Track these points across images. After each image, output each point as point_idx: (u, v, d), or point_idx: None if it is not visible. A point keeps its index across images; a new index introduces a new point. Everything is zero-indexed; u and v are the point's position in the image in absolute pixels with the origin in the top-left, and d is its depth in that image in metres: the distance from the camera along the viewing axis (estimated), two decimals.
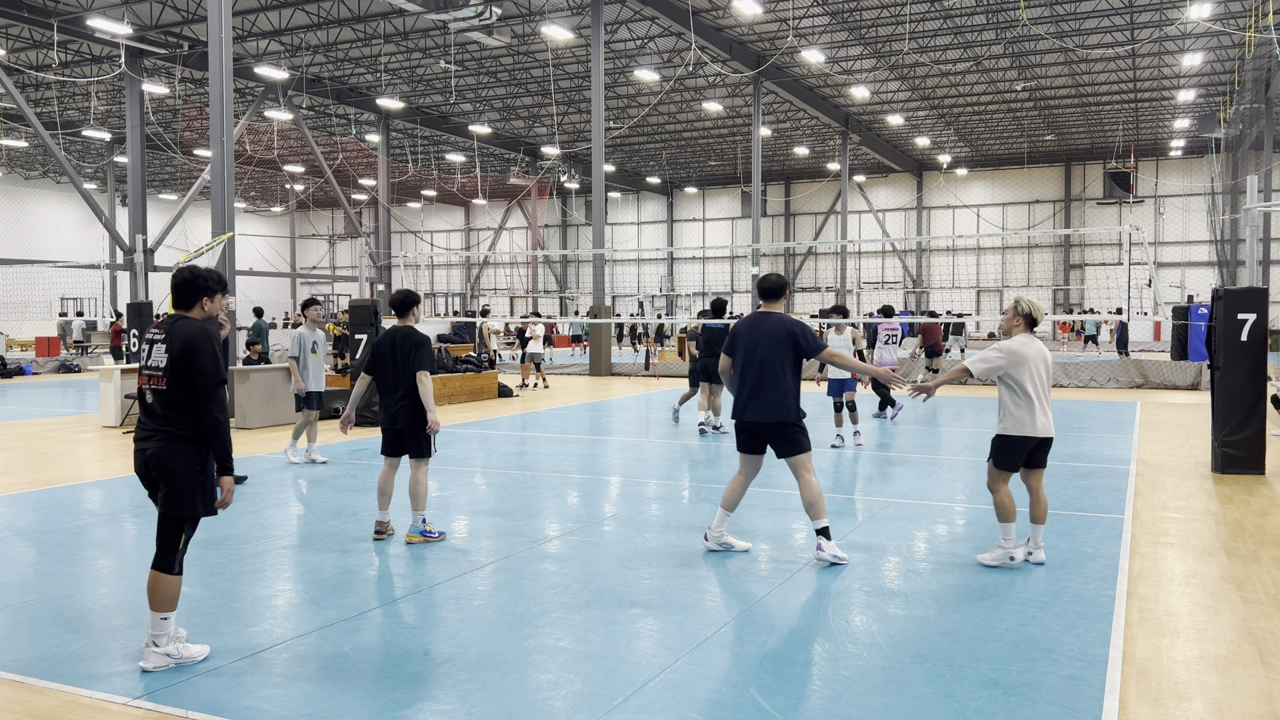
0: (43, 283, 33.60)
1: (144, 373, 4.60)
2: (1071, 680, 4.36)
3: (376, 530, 7.08)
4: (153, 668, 4.47)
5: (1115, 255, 47.80)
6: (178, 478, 4.44)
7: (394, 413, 6.88)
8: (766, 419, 6.30)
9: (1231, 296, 9.90)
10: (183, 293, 4.66)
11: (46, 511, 8.11)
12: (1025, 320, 6.24)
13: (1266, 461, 9.88)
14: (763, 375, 6.30)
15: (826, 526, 6.32)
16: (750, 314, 6.62)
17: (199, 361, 4.42)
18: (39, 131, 25.31)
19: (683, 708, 4.06)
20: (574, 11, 27.46)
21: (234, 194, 14.86)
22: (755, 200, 33.04)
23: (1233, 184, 31.10)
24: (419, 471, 6.94)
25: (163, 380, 4.48)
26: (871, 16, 28.23)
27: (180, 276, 4.69)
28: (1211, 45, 30.13)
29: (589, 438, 12.97)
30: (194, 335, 4.47)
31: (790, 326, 6.33)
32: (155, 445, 4.48)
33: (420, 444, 6.90)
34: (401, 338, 6.89)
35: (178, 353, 4.45)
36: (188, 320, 4.60)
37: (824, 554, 6.29)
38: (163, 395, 4.49)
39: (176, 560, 4.49)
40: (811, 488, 6.26)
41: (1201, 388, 20.03)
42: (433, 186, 49.00)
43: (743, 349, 6.42)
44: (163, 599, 4.48)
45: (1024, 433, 6.12)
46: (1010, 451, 6.16)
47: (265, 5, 27.02)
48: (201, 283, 4.66)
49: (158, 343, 4.55)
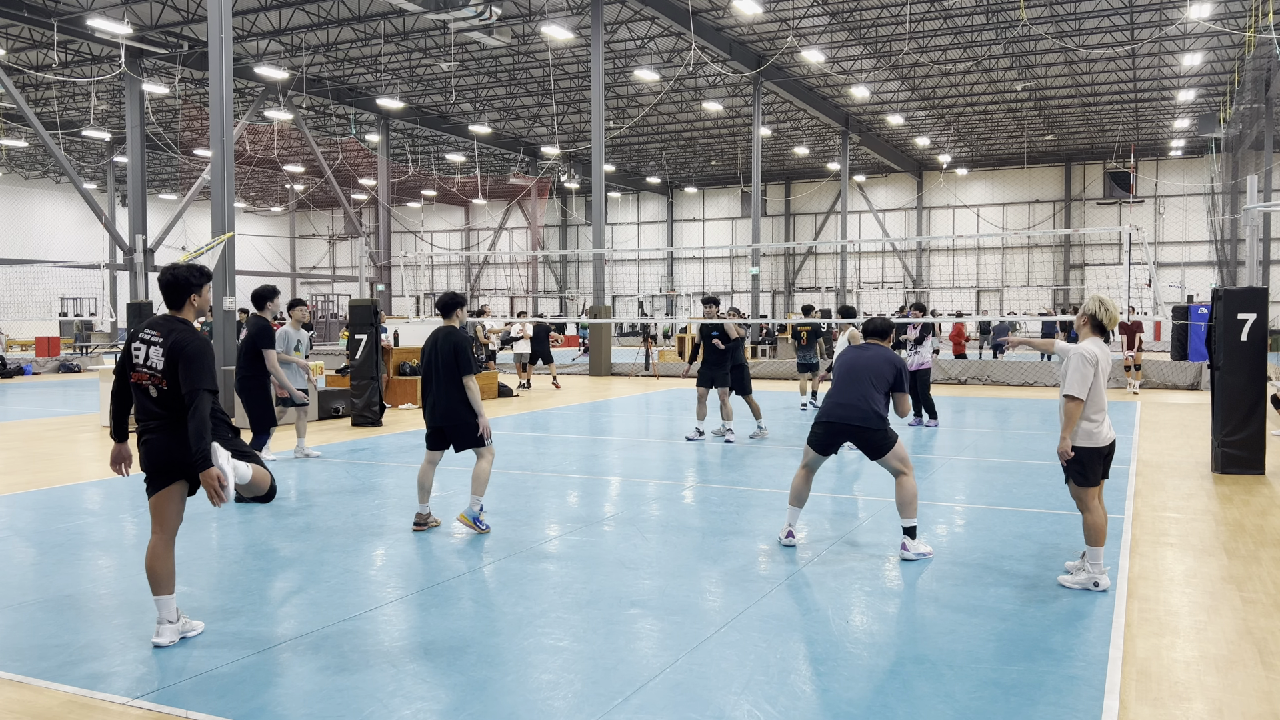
0: (43, 283, 33.60)
1: (143, 369, 4.72)
2: (1071, 680, 4.36)
3: (416, 522, 7.34)
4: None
5: (1115, 255, 47.81)
6: (181, 461, 4.71)
7: (435, 410, 7.12)
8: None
9: (1231, 296, 9.90)
10: (172, 292, 4.81)
11: (46, 511, 8.11)
12: (1091, 323, 5.84)
13: (1266, 461, 9.87)
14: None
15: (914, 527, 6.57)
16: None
17: (189, 367, 4.60)
18: (39, 131, 25.34)
19: (683, 708, 4.06)
20: (574, 11, 27.46)
21: (234, 194, 14.86)
22: (755, 200, 33.05)
23: (1233, 184, 31.10)
24: (481, 460, 7.23)
25: (163, 381, 4.66)
26: (871, 16, 28.23)
27: (166, 277, 4.81)
28: (1211, 45, 30.13)
29: (589, 438, 12.97)
30: (189, 343, 4.64)
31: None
32: (161, 438, 4.71)
33: (470, 439, 7.15)
34: (443, 338, 7.17)
35: (173, 356, 4.62)
36: (187, 328, 4.74)
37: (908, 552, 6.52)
38: (166, 395, 4.69)
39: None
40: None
41: (1201, 388, 20.03)
42: (433, 186, 49.01)
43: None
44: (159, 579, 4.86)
45: (1095, 444, 5.72)
46: (1088, 465, 5.73)
47: (265, 5, 27.02)
48: (186, 280, 4.81)
49: (154, 344, 4.68)
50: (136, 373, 4.73)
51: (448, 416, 7.09)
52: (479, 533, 7.16)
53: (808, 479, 6.84)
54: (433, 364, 7.12)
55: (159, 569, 4.77)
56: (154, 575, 4.78)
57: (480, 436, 7.11)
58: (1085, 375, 5.64)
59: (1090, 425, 5.72)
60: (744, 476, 9.76)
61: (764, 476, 9.74)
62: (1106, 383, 5.80)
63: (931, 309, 13.55)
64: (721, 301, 13.48)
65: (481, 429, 7.07)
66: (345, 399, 15.16)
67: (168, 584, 4.80)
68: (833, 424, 6.62)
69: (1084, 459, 5.73)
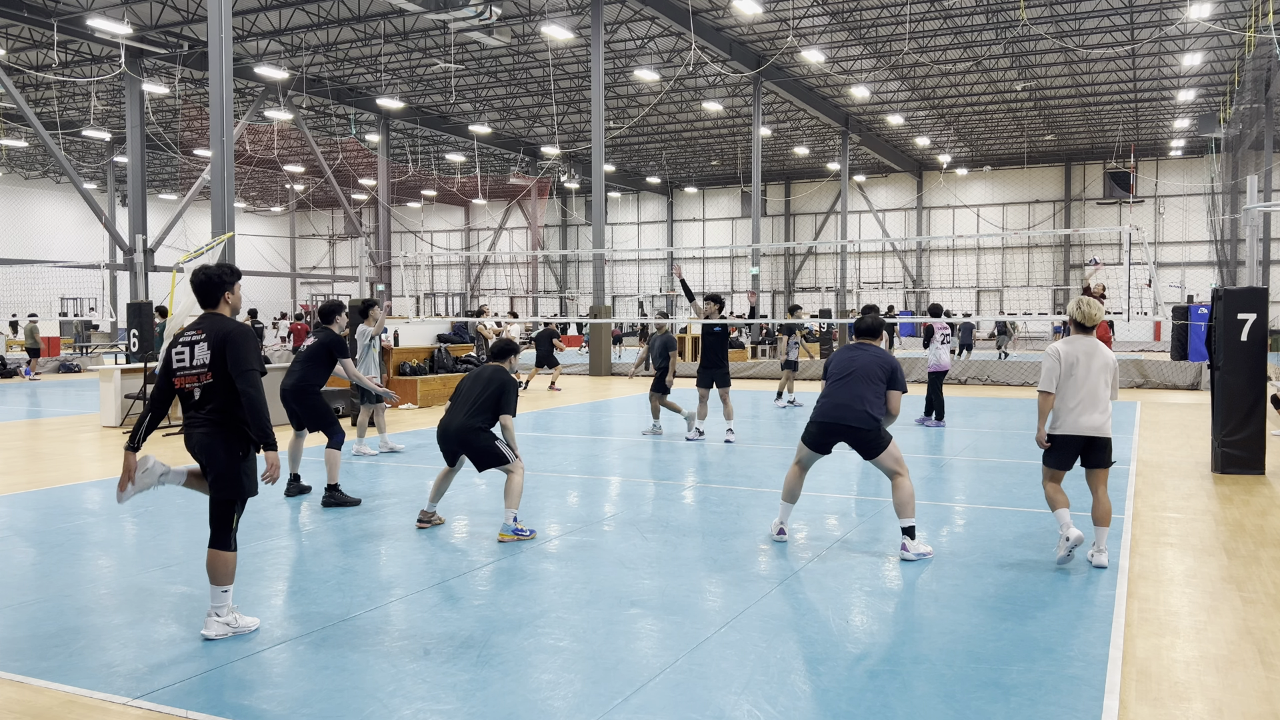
0: (43, 283, 33.59)
1: (191, 372, 4.86)
2: (1071, 680, 4.36)
3: (420, 519, 7.38)
4: (215, 635, 4.90)
5: (1115, 255, 47.76)
6: (222, 464, 4.82)
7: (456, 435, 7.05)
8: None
9: (1231, 296, 9.90)
10: (205, 292, 4.99)
11: (46, 511, 8.11)
12: (1074, 323, 6.50)
13: (1266, 461, 9.87)
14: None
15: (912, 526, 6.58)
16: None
17: (237, 350, 4.77)
18: (39, 131, 25.33)
19: (683, 708, 4.06)
20: (574, 11, 27.46)
21: (234, 194, 14.86)
22: (755, 200, 33.04)
23: (1233, 184, 31.10)
24: (513, 475, 7.10)
25: (209, 374, 4.81)
26: (871, 16, 28.23)
27: (199, 278, 4.99)
28: (1211, 45, 30.13)
29: (589, 438, 12.97)
30: (235, 329, 4.86)
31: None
32: (202, 434, 4.84)
33: (491, 461, 7.05)
34: (489, 377, 7.14)
35: (219, 344, 4.79)
36: (224, 318, 4.96)
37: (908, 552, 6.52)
38: (209, 388, 4.82)
39: (231, 538, 4.91)
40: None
41: (1201, 388, 20.03)
42: (433, 186, 48.99)
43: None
44: (222, 573, 4.91)
45: (1057, 430, 6.42)
46: (1052, 448, 6.47)
47: (265, 5, 27.02)
48: (218, 279, 4.99)
49: (198, 343, 4.85)
50: (179, 378, 4.90)
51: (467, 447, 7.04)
52: (525, 540, 6.97)
53: (800, 476, 6.89)
54: (469, 394, 7.07)
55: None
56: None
57: (502, 456, 7.00)
58: (1051, 370, 6.34)
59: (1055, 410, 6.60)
60: (744, 476, 9.76)
61: (764, 476, 9.74)
62: (1090, 376, 6.30)
63: (946, 310, 13.62)
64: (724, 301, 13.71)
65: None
66: (345, 399, 15.18)
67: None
68: (826, 424, 6.64)
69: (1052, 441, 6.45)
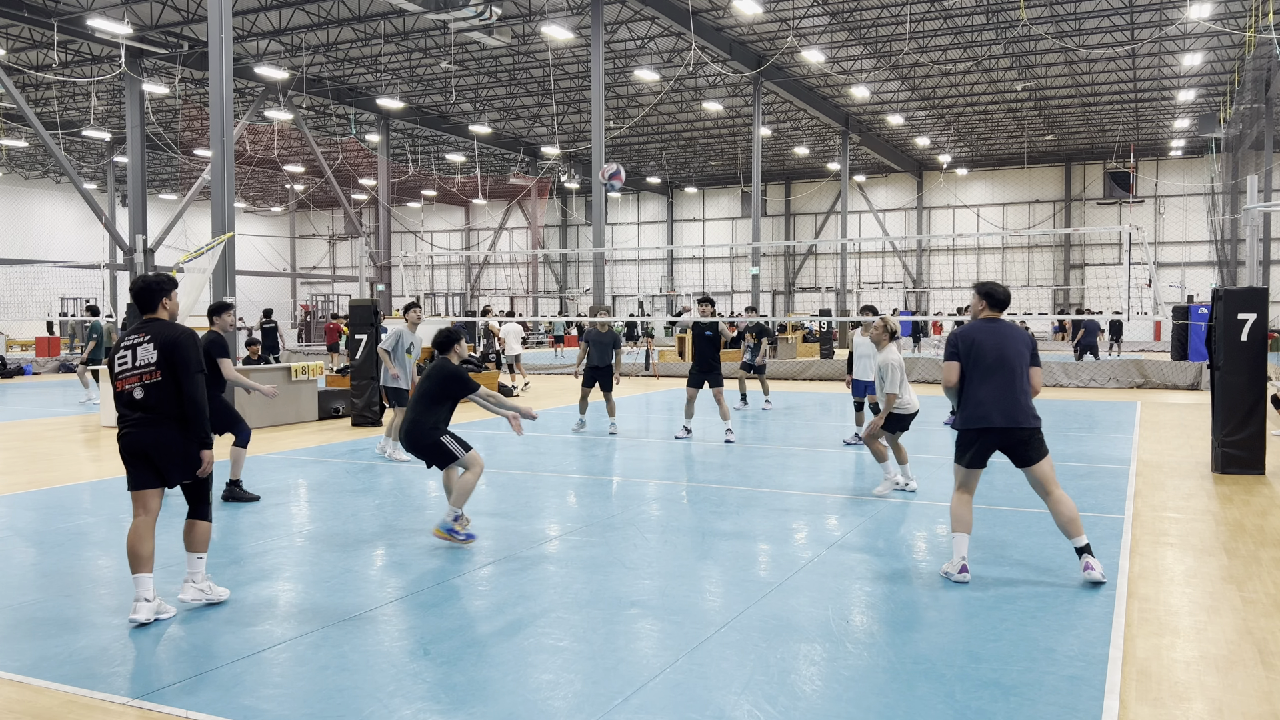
0: (43, 283, 33.58)
1: (134, 372, 5.14)
2: (1071, 680, 4.36)
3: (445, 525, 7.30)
4: (190, 599, 5.35)
5: (1115, 255, 47.81)
6: (183, 449, 5.13)
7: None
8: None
9: (1231, 296, 9.90)
10: (145, 298, 5.28)
11: (46, 511, 8.11)
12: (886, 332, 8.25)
13: (1266, 461, 9.87)
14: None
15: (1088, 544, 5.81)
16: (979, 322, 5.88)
17: (185, 353, 5.11)
18: (39, 131, 25.31)
19: (683, 708, 4.06)
20: (574, 11, 27.46)
21: (234, 194, 14.86)
22: (755, 200, 33.04)
23: (1233, 184, 31.10)
24: (467, 472, 6.86)
25: (157, 373, 5.11)
26: (871, 16, 28.23)
27: (138, 285, 5.30)
28: (1211, 45, 30.13)
29: (589, 438, 12.97)
30: (182, 333, 5.17)
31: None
32: (152, 431, 5.09)
33: (439, 458, 6.90)
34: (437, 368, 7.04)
35: (168, 346, 5.09)
36: (167, 322, 5.24)
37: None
38: (156, 387, 5.11)
39: (210, 509, 5.41)
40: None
41: (1201, 388, 20.02)
42: (433, 186, 48.99)
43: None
44: (200, 541, 5.36)
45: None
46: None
47: (265, 5, 27.02)
48: (156, 286, 5.29)
49: (141, 345, 5.14)
50: (120, 380, 5.16)
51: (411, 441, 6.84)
52: (460, 544, 6.75)
53: (970, 501, 5.84)
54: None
55: (139, 548, 5.14)
56: (134, 555, 5.15)
57: (449, 452, 6.76)
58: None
59: (910, 397, 8.28)
60: (744, 476, 9.76)
61: (764, 476, 9.74)
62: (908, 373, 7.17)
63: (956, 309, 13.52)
64: (715, 301, 13.88)
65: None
66: (345, 399, 15.18)
67: (147, 563, 5.16)
68: (1003, 429, 5.48)
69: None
